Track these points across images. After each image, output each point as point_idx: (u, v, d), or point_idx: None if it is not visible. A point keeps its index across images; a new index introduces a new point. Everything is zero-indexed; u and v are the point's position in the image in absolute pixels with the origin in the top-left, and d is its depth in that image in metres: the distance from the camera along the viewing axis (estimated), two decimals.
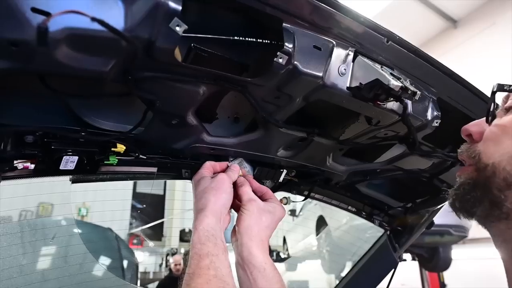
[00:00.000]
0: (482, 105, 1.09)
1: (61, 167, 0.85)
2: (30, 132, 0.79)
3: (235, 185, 0.96)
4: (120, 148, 0.90)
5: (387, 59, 0.87)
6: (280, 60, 0.71)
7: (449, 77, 1.00)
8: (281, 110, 0.87)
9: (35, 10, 0.50)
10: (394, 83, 0.76)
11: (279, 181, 1.19)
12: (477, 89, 1.07)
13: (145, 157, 0.99)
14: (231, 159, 1.08)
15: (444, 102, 1.03)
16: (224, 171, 0.99)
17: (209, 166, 0.98)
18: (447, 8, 7.91)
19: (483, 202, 0.60)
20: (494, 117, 0.66)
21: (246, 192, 0.94)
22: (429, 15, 7.93)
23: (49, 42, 0.53)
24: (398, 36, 0.86)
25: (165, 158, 1.04)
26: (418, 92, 0.79)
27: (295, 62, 0.73)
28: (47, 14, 0.51)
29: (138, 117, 0.82)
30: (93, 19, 0.52)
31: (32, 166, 0.85)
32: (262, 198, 0.99)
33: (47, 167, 0.85)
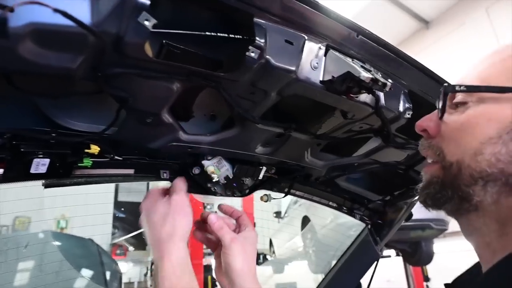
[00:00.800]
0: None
1: (32, 171, 0.83)
2: None
3: (213, 228, 0.95)
4: (94, 149, 0.88)
5: (358, 53, 0.89)
6: (252, 54, 0.71)
7: (419, 70, 1.03)
8: (256, 106, 0.88)
9: None
10: (365, 75, 0.77)
11: (259, 178, 1.20)
12: (445, 81, 1.11)
13: (121, 158, 0.97)
14: (209, 157, 1.08)
15: (415, 95, 1.06)
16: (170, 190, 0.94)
17: (155, 192, 0.94)
18: (419, 10, 8.17)
19: (453, 199, 0.62)
20: (444, 112, 0.68)
21: (226, 232, 0.93)
22: (403, 16, 8.17)
23: (11, 36, 0.51)
24: (368, 31, 0.88)
25: (142, 158, 1.03)
26: (389, 83, 0.82)
27: (267, 57, 0.73)
28: (11, 10, 0.50)
29: (112, 117, 0.81)
30: (58, 11, 0.51)
31: (1, 171, 0.83)
32: (236, 222, 1.02)
33: (17, 172, 0.83)
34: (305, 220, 5.54)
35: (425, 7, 8.06)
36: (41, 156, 0.82)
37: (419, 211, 1.54)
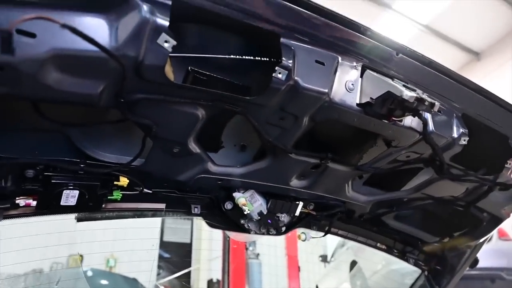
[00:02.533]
0: None
1: (62, 203, 0.82)
2: (31, 166, 0.77)
3: None
4: (123, 181, 0.86)
5: (399, 73, 0.81)
6: (280, 75, 0.67)
7: (475, 91, 0.92)
8: (287, 133, 0.82)
9: (20, 32, 0.50)
10: (408, 94, 0.69)
11: (296, 214, 1.10)
12: (509, 103, 0.98)
13: (150, 192, 0.95)
14: (242, 191, 1.02)
15: (472, 119, 0.94)
16: None
17: None
18: (467, 42, 7.86)
19: None
20: None
21: None
22: (450, 50, 7.89)
23: (34, 63, 0.52)
24: (409, 48, 0.81)
25: (172, 192, 0.99)
26: (437, 103, 0.72)
27: (296, 78, 0.69)
28: (33, 35, 0.51)
29: (139, 149, 0.80)
30: (81, 35, 0.51)
31: (34, 203, 0.83)
32: None
33: (49, 204, 0.83)
34: (354, 265, 5.15)
35: (474, 38, 7.75)
36: (71, 187, 0.81)
37: (487, 258, 1.33)
